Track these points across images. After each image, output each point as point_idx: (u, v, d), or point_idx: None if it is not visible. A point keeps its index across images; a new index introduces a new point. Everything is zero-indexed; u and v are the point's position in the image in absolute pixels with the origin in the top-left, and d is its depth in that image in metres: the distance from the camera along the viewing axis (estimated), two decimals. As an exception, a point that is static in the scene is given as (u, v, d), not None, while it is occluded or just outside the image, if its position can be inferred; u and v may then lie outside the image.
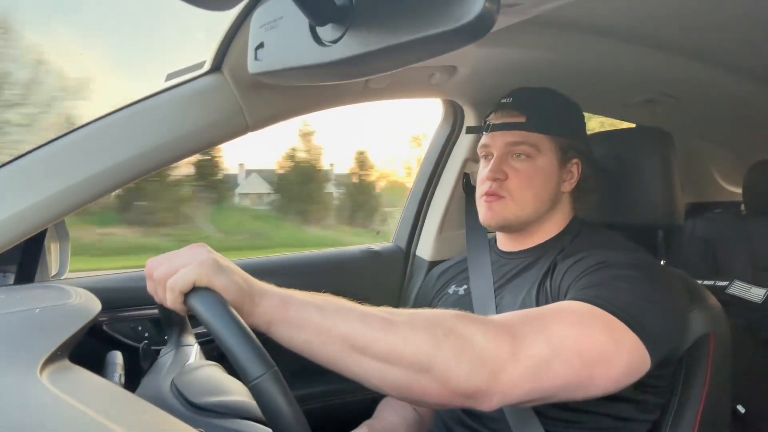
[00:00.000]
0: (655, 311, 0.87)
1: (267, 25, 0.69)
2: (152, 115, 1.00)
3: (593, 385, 0.80)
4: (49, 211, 0.95)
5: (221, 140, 1.06)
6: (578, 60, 1.29)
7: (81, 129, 0.98)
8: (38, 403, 0.55)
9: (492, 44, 1.15)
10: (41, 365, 0.61)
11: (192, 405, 0.76)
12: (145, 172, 1.01)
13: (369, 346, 0.69)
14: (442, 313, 0.75)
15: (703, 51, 1.31)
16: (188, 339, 0.94)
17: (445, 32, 0.47)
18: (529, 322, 0.78)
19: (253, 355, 0.61)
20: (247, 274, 0.72)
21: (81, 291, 0.92)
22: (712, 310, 1.09)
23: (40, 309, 0.81)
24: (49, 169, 0.96)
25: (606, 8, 1.10)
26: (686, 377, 1.05)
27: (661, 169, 1.19)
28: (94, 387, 0.65)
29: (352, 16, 0.55)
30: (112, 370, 0.88)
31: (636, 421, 1.00)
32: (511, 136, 1.11)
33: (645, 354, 0.83)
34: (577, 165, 1.14)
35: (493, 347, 0.72)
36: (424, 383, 0.70)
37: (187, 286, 0.67)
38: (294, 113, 1.17)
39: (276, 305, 0.70)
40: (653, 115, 1.64)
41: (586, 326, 0.80)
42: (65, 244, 1.21)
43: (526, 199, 1.10)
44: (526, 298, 1.04)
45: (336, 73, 0.67)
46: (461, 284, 1.23)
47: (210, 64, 1.03)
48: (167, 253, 0.73)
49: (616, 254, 0.97)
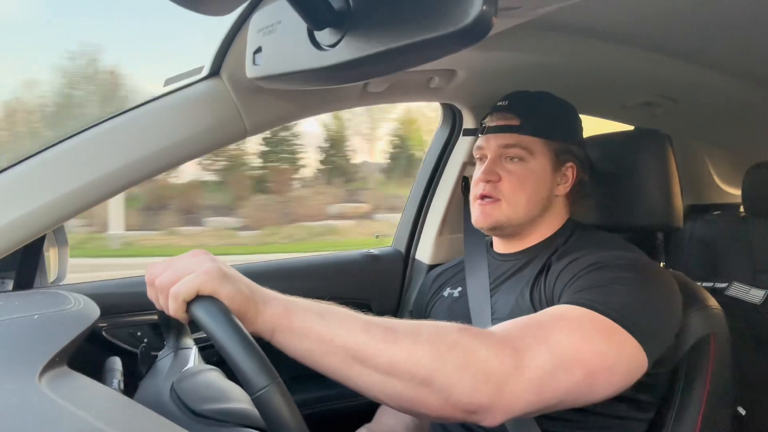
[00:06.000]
0: (650, 312, 0.87)
1: (265, 29, 0.69)
2: (150, 120, 1.00)
3: (594, 393, 0.79)
4: (47, 217, 0.95)
5: (219, 145, 1.06)
6: (577, 63, 1.29)
7: (79, 134, 0.98)
8: (37, 409, 0.55)
9: (491, 48, 1.16)
10: (40, 371, 0.61)
11: (192, 412, 0.75)
12: (144, 176, 1.01)
13: (370, 357, 0.69)
14: (445, 326, 0.75)
15: (701, 53, 1.31)
16: (187, 343, 0.94)
17: (443, 36, 0.47)
18: (530, 332, 0.78)
19: (257, 366, 0.61)
20: (251, 281, 0.72)
21: (79, 297, 0.92)
22: (712, 311, 1.09)
23: (39, 315, 0.81)
24: (48, 175, 0.95)
25: (604, 11, 1.10)
26: (687, 379, 1.05)
27: (660, 172, 1.19)
28: (93, 393, 0.64)
29: (350, 21, 0.55)
30: (111, 376, 0.88)
31: (633, 419, 1.00)
32: (505, 138, 1.11)
33: (643, 356, 0.83)
34: (571, 168, 1.14)
35: (496, 362, 0.71)
36: (425, 397, 0.70)
37: (191, 295, 0.66)
38: (292, 117, 1.17)
39: (279, 314, 0.70)
40: (652, 118, 1.64)
41: (586, 333, 0.80)
42: (64, 250, 1.21)
43: (518, 201, 1.10)
44: (519, 298, 1.04)
45: (334, 77, 0.67)
46: (456, 287, 1.23)
47: (208, 68, 1.03)
48: (168, 259, 0.73)
49: (610, 254, 0.97)
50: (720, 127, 1.86)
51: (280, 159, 8.14)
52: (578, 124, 1.19)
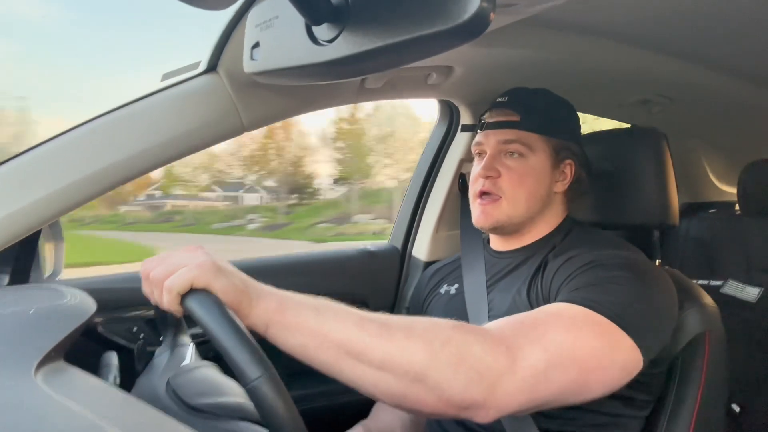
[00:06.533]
0: (646, 311, 0.88)
1: (263, 24, 0.69)
2: (147, 115, 1.00)
3: (588, 390, 0.79)
4: (43, 212, 0.94)
5: (216, 140, 1.06)
6: (574, 60, 1.29)
7: (76, 129, 0.98)
8: (33, 404, 0.54)
9: (488, 44, 1.15)
10: (36, 366, 0.61)
11: (188, 406, 0.75)
12: (141, 172, 1.00)
13: (364, 352, 0.69)
14: (439, 323, 0.75)
15: (698, 52, 1.31)
16: (184, 339, 0.94)
17: (441, 32, 0.47)
18: (524, 330, 0.78)
19: (250, 357, 0.61)
20: (246, 276, 0.72)
21: (76, 292, 0.92)
22: (707, 309, 1.09)
23: (35, 310, 0.81)
24: (44, 170, 0.95)
25: (601, 9, 1.10)
26: (682, 376, 1.06)
27: (656, 170, 1.19)
28: (90, 388, 0.64)
29: (348, 16, 0.55)
30: (107, 371, 0.88)
31: (628, 417, 1.01)
32: (505, 134, 1.11)
33: (638, 355, 0.83)
34: (570, 166, 1.14)
35: (490, 359, 0.72)
36: (418, 393, 0.70)
37: (185, 288, 0.66)
38: (289, 113, 1.16)
39: (273, 308, 0.70)
40: (649, 116, 1.64)
41: (580, 331, 0.80)
42: (60, 245, 1.20)
43: (519, 197, 1.10)
44: (516, 296, 1.04)
45: (332, 73, 0.67)
46: (453, 283, 1.23)
47: (205, 63, 1.02)
48: (163, 253, 0.73)
49: (607, 253, 0.97)
50: (716, 125, 1.87)
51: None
52: (576, 121, 1.19)
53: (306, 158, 21.07)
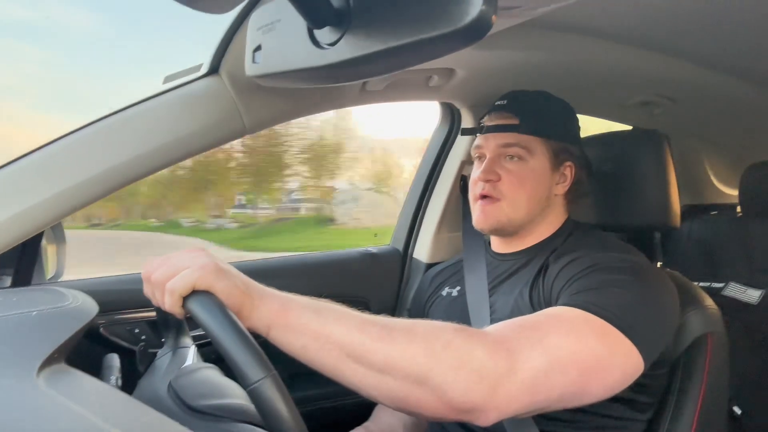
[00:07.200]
0: (647, 314, 0.87)
1: (264, 27, 0.69)
2: (149, 117, 1.00)
3: (588, 394, 0.79)
4: (46, 214, 0.95)
5: (218, 143, 1.06)
6: (576, 62, 1.29)
7: (78, 131, 0.98)
8: (35, 406, 0.55)
9: (490, 47, 1.16)
10: (38, 368, 0.61)
11: (189, 408, 0.75)
12: (143, 174, 1.00)
13: (365, 355, 0.69)
14: (440, 325, 0.75)
15: (700, 53, 1.31)
16: (185, 341, 0.94)
17: (443, 35, 0.47)
18: (525, 333, 0.78)
19: (252, 358, 0.61)
20: (247, 278, 0.72)
21: (78, 294, 0.92)
22: (709, 311, 1.09)
23: (37, 312, 0.81)
24: (47, 172, 0.95)
25: (603, 11, 1.11)
26: (683, 378, 1.05)
27: (658, 171, 1.19)
28: (92, 390, 0.64)
29: (350, 19, 0.55)
30: (109, 372, 0.88)
31: (630, 419, 1.00)
32: (504, 137, 1.11)
33: (639, 358, 0.83)
34: (570, 168, 1.14)
35: (491, 362, 0.72)
36: (419, 395, 0.70)
37: (187, 290, 0.66)
38: (291, 116, 1.17)
39: (275, 310, 0.70)
40: (650, 117, 1.64)
41: (581, 335, 0.80)
42: (62, 247, 1.21)
43: (519, 200, 1.10)
44: (519, 299, 1.04)
45: (333, 76, 0.67)
46: (455, 286, 1.23)
47: (207, 66, 1.03)
48: (165, 255, 0.73)
49: (608, 256, 0.97)
50: (718, 127, 1.86)
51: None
52: (576, 123, 1.19)
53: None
